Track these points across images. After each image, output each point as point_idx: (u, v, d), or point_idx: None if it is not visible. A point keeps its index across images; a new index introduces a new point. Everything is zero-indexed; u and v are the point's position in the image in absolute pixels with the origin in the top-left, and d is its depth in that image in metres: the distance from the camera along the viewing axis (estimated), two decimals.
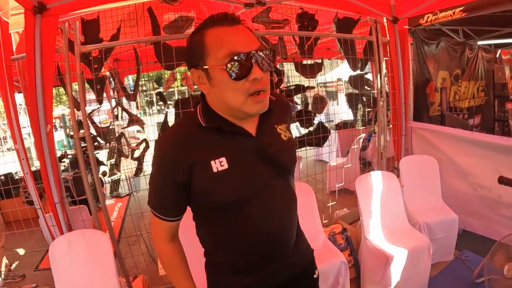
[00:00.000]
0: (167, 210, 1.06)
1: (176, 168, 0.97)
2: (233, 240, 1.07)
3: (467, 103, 5.02)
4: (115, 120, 3.37)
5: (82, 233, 2.33)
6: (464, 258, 2.64)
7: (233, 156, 0.99)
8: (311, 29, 2.99)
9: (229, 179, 0.98)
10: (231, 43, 0.88)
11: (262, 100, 0.95)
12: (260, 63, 0.90)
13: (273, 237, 1.06)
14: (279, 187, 1.07)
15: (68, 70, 2.49)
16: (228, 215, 1.03)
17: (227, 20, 0.90)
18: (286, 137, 1.10)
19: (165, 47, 2.51)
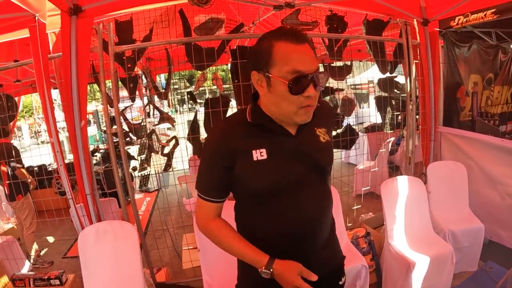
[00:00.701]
0: (214, 192, 1.17)
1: (224, 154, 1.10)
2: (264, 231, 1.15)
3: (500, 108, 4.83)
4: (147, 117, 3.48)
5: (110, 224, 2.42)
6: (489, 270, 2.57)
7: (272, 149, 1.10)
8: (341, 31, 2.98)
9: (266, 169, 1.09)
10: (296, 62, 0.99)
11: (310, 111, 1.07)
12: (315, 84, 1.01)
13: (301, 232, 1.14)
14: (312, 184, 1.15)
15: (102, 69, 2.59)
16: (262, 205, 1.13)
17: (297, 37, 0.99)
18: (324, 139, 1.19)
19: (196, 48, 2.57)
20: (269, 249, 1.13)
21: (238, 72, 2.61)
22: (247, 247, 1.14)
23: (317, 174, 1.17)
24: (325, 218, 1.21)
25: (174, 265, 3.39)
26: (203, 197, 1.18)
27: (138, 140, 3.07)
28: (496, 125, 4.26)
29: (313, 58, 1.02)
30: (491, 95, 4.60)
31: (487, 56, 4.41)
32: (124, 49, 2.64)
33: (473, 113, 3.96)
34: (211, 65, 2.60)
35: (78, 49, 2.40)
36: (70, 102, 2.45)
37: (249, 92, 2.62)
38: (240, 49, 2.61)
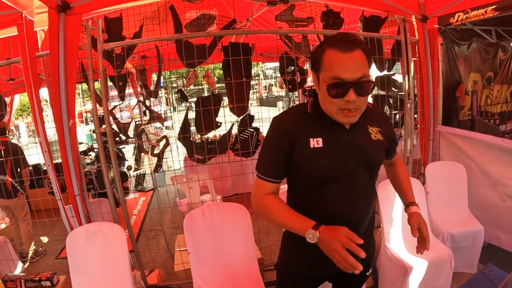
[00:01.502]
0: (273, 172, 1.29)
1: (285, 138, 1.23)
2: (311, 215, 1.22)
3: (499, 107, 4.76)
4: (143, 116, 3.39)
5: (99, 225, 2.39)
6: (488, 273, 2.51)
7: (328, 139, 1.22)
8: (337, 28, 2.90)
9: (322, 156, 1.21)
10: (338, 70, 1.09)
11: (352, 116, 1.17)
12: (357, 90, 1.10)
13: (344, 221, 1.20)
14: (361, 177, 1.27)
15: (91, 67, 2.54)
16: (313, 190, 1.26)
17: (346, 44, 1.09)
18: (376, 137, 1.30)
19: (187, 45, 2.49)
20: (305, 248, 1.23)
21: (231, 70, 2.53)
22: (297, 215, 1.22)
23: (366, 168, 1.27)
24: (368, 211, 1.33)
25: (168, 267, 3.34)
26: (261, 176, 1.30)
27: (129, 139, 2.99)
28: (497, 124, 4.19)
29: (358, 66, 1.10)
30: (491, 94, 4.53)
31: (487, 54, 4.34)
32: (113, 46, 2.57)
33: (473, 112, 3.89)
34: (203, 62, 2.52)
35: (66, 47, 2.35)
36: (58, 101, 2.40)
37: (241, 90, 2.55)
38: (232, 46, 2.54)
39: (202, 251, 2.25)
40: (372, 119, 1.30)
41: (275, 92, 19.34)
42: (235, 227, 2.28)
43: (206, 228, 2.26)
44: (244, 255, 2.28)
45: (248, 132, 2.73)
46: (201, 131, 2.59)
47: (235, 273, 2.25)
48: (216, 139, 2.94)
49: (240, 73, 2.54)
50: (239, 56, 2.50)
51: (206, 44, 2.53)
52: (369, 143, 1.28)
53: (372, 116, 1.30)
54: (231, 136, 2.88)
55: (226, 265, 2.26)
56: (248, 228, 2.27)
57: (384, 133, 1.33)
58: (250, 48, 2.62)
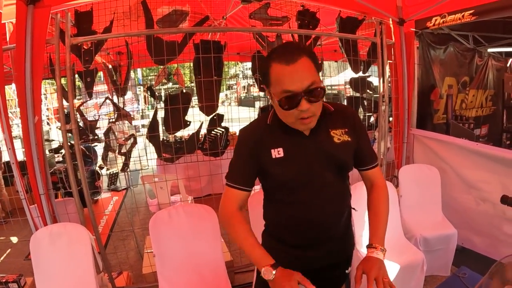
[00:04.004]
0: (242, 180, 1.28)
1: (250, 150, 1.26)
2: (283, 219, 1.32)
3: (474, 112, 4.84)
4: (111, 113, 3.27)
5: (64, 226, 2.31)
6: (462, 276, 2.50)
7: (289, 148, 1.23)
8: (312, 28, 2.87)
9: (284, 165, 1.23)
10: (286, 83, 1.09)
11: (309, 123, 1.17)
12: (308, 98, 1.10)
13: (313, 224, 1.27)
14: (330, 180, 1.26)
15: (58, 61, 2.44)
16: (283, 196, 1.28)
17: (289, 56, 1.08)
18: (339, 140, 1.27)
19: (157, 41, 2.41)
20: (285, 235, 1.32)
21: (201, 68, 2.46)
22: (259, 247, 1.23)
23: (332, 171, 1.26)
24: (341, 212, 1.32)
25: (137, 269, 3.24)
26: (230, 184, 1.29)
27: (95, 137, 2.89)
28: (471, 128, 4.25)
29: (305, 76, 1.09)
30: (466, 98, 4.61)
31: (464, 59, 4.41)
32: (81, 40, 2.47)
33: (448, 116, 3.93)
34: (172, 60, 2.45)
35: (33, 40, 2.26)
36: (24, 96, 2.30)
37: (211, 89, 2.49)
38: (203, 44, 2.47)
39: (168, 254, 2.18)
40: (335, 121, 1.29)
41: (254, 92, 19.31)
42: (202, 230, 2.21)
43: (172, 230, 2.19)
44: (212, 258, 2.22)
45: (217, 131, 2.67)
46: (169, 130, 2.51)
47: (202, 276, 2.18)
48: (185, 138, 2.86)
49: (210, 72, 2.47)
50: (210, 54, 2.43)
51: (178, 41, 2.45)
52: (332, 146, 1.26)
53: (335, 118, 1.29)
54: (200, 136, 2.81)
55: (193, 268, 2.19)
56: (215, 230, 2.20)
57: (352, 132, 1.30)
58: (221, 46, 2.56)
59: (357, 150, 1.31)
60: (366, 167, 1.38)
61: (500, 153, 2.79)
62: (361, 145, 1.33)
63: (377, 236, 1.28)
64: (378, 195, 1.38)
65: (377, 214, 1.34)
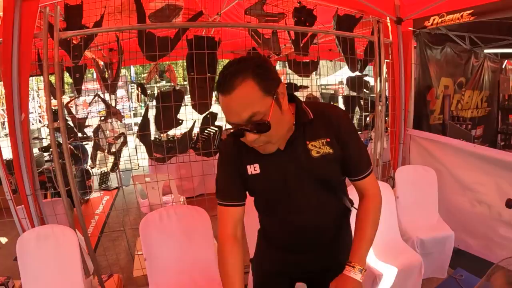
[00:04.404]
0: (229, 195, 1.22)
1: (231, 165, 1.22)
2: (267, 226, 1.35)
3: (469, 113, 4.84)
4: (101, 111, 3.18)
5: (51, 228, 2.23)
6: (458, 278, 2.48)
7: (264, 164, 1.17)
8: (309, 25, 2.81)
9: (261, 181, 1.19)
10: (226, 113, 1.02)
11: (265, 150, 1.11)
12: (252, 130, 1.01)
13: (296, 234, 1.24)
14: (306, 195, 1.19)
15: (46, 56, 2.36)
16: (262, 208, 1.32)
17: (223, 85, 0.98)
18: (319, 153, 1.16)
19: (149, 36, 2.33)
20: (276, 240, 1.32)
21: (194, 65, 2.39)
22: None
23: (313, 185, 1.19)
24: (330, 220, 1.26)
25: (128, 271, 3.14)
26: (220, 203, 1.24)
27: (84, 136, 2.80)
28: (469, 129, 4.23)
29: (241, 108, 0.99)
30: (462, 99, 4.60)
31: (460, 60, 4.40)
32: (70, 35, 2.39)
33: (444, 116, 3.90)
34: (164, 56, 2.37)
35: (21, 34, 2.18)
36: (10, 93, 2.23)
37: (204, 87, 2.41)
38: (197, 40, 2.40)
39: (159, 257, 2.11)
40: (315, 131, 1.16)
41: None
42: (195, 232, 2.15)
43: (163, 233, 2.12)
44: (205, 261, 2.15)
45: (210, 130, 2.59)
46: (161, 129, 2.43)
47: (194, 280, 2.12)
48: (177, 137, 2.78)
49: (204, 69, 2.39)
50: (203, 50, 2.35)
51: (170, 36, 2.38)
52: (309, 161, 1.15)
53: (315, 127, 1.15)
54: (193, 135, 2.73)
55: (185, 272, 2.12)
56: (208, 232, 2.14)
57: (335, 142, 1.16)
58: (215, 42, 2.49)
59: (343, 161, 1.19)
60: (354, 178, 1.25)
61: (497, 155, 2.76)
62: (348, 155, 1.18)
63: (358, 253, 1.17)
64: (367, 207, 1.25)
65: (362, 228, 1.22)
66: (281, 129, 1.09)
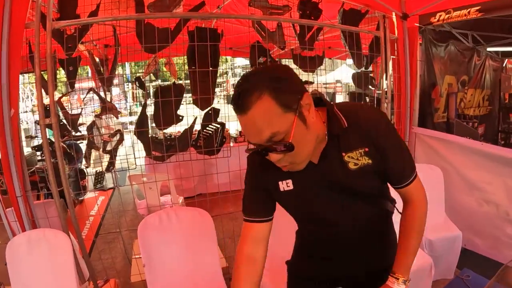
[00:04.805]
0: (253, 210, 1.17)
1: (259, 179, 1.14)
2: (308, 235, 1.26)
3: (472, 111, 4.81)
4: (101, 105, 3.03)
5: (43, 232, 2.12)
6: (465, 278, 2.41)
7: (298, 179, 1.08)
8: (314, 19, 2.71)
9: (294, 199, 1.11)
10: (245, 133, 0.94)
11: (293, 169, 1.01)
12: (274, 150, 0.92)
13: (339, 245, 1.17)
14: (343, 208, 1.10)
15: (38, 48, 2.21)
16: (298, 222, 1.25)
17: (237, 105, 0.89)
18: (356, 165, 1.04)
19: (148, 27, 2.21)
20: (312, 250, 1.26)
21: (195, 57, 2.27)
22: None
23: (352, 198, 1.09)
24: (365, 234, 1.17)
25: (125, 275, 3.02)
26: (244, 218, 1.18)
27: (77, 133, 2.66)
28: (475, 127, 4.18)
29: (260, 128, 0.89)
30: (464, 97, 4.56)
31: (463, 58, 4.36)
32: (64, 24, 2.25)
33: (449, 114, 3.84)
34: (165, 47, 2.25)
35: (11, 25, 2.07)
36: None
37: (206, 81, 2.30)
38: (199, 31, 2.28)
39: (160, 262, 2.00)
40: (351, 140, 1.03)
41: None
42: (197, 235, 2.03)
43: (163, 236, 2.01)
44: (208, 266, 2.05)
45: (212, 127, 2.47)
46: (159, 126, 2.30)
47: (197, 286, 2.00)
48: (175, 135, 2.64)
49: (206, 62, 2.26)
50: (206, 42, 2.23)
51: (170, 28, 2.25)
52: (346, 175, 1.04)
53: (351, 136, 1.02)
54: (193, 132, 2.60)
55: (188, 278, 2.02)
56: (211, 235, 2.03)
57: (374, 151, 1.04)
58: (218, 34, 2.37)
59: (384, 169, 1.07)
60: (397, 186, 1.14)
61: (505, 153, 2.70)
62: (389, 163, 1.06)
63: (402, 265, 1.10)
64: (412, 215, 1.16)
65: (407, 238, 1.14)
66: (307, 148, 0.97)
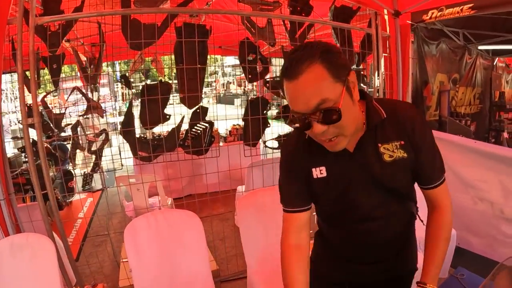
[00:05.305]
0: (291, 200, 1.15)
1: (293, 166, 1.12)
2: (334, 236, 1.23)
3: (463, 109, 4.80)
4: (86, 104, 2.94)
5: (26, 237, 2.01)
6: (460, 277, 2.38)
7: (332, 167, 1.07)
8: (305, 15, 2.66)
9: (326, 186, 1.08)
10: (291, 103, 0.92)
11: (334, 145, 0.97)
12: (320, 121, 0.90)
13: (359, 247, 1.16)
14: (373, 204, 1.08)
15: (20, 45, 2.13)
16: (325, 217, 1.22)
17: (290, 70, 0.88)
18: (391, 157, 1.04)
19: (134, 23, 2.13)
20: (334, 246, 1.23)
21: (183, 54, 2.19)
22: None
23: (382, 194, 1.07)
24: (392, 236, 1.16)
25: (114, 279, 2.93)
26: (284, 209, 1.17)
27: (61, 133, 2.57)
28: (468, 125, 4.16)
29: (309, 94, 0.87)
30: (456, 95, 4.55)
31: (455, 56, 4.35)
32: (47, 20, 2.17)
33: (441, 112, 3.82)
34: (151, 44, 2.17)
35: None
36: None
37: (195, 78, 2.22)
38: (186, 27, 2.21)
39: (147, 266, 1.92)
40: (388, 132, 1.04)
41: (233, 90, 19.17)
42: (186, 238, 1.96)
43: (150, 240, 1.92)
44: (197, 269, 1.98)
45: (200, 126, 2.39)
46: (146, 125, 2.22)
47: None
48: (164, 135, 2.55)
49: (194, 59, 2.20)
50: (194, 39, 2.16)
51: (157, 23, 2.18)
52: (380, 167, 1.04)
53: (388, 127, 1.03)
54: (181, 132, 2.51)
55: (177, 281, 1.95)
56: (200, 238, 1.95)
57: (410, 145, 1.04)
58: (207, 31, 2.30)
59: (416, 166, 1.07)
60: (427, 186, 1.14)
61: (499, 151, 2.68)
62: (421, 160, 1.06)
63: (430, 272, 1.08)
64: (440, 221, 1.16)
65: (435, 245, 1.13)
66: (353, 121, 0.96)
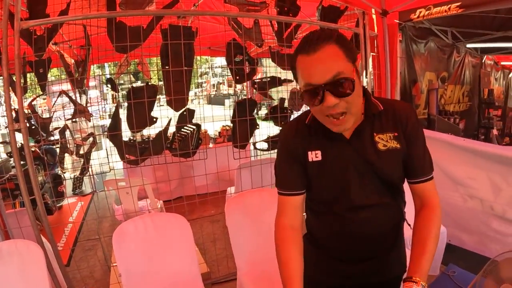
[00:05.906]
0: (287, 183, 1.18)
1: (291, 151, 1.16)
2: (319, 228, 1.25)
3: (452, 107, 4.84)
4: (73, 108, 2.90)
5: (14, 243, 1.98)
6: (451, 274, 2.40)
7: (327, 152, 1.12)
8: (292, 15, 2.66)
9: (320, 170, 1.12)
10: (307, 75, 0.97)
11: (340, 123, 1.02)
12: (333, 92, 0.95)
13: (350, 238, 1.16)
14: (365, 193, 1.12)
15: (6, 49, 2.10)
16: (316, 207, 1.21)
17: (310, 44, 0.95)
18: (385, 146, 1.10)
19: (119, 26, 2.11)
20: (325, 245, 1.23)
21: (169, 57, 2.18)
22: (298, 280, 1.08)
23: (374, 183, 1.12)
24: (382, 229, 1.18)
25: (105, 283, 2.92)
26: (279, 192, 1.19)
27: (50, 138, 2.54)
28: (456, 123, 4.19)
29: (327, 66, 0.95)
30: (445, 93, 4.58)
31: (443, 54, 4.38)
32: (33, 24, 2.14)
33: (429, 110, 3.84)
34: (137, 46, 2.15)
35: None
36: None
37: (181, 80, 2.21)
38: (172, 29, 2.19)
39: (137, 270, 1.90)
40: (383, 123, 1.11)
41: (224, 90, 19.15)
42: (174, 241, 1.95)
43: (139, 244, 1.91)
44: (187, 272, 1.97)
45: (187, 129, 2.38)
46: (133, 128, 2.21)
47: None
48: (152, 137, 2.53)
49: (180, 61, 2.18)
50: (179, 41, 2.15)
51: (143, 26, 2.17)
52: (374, 154, 1.10)
53: (384, 119, 1.11)
54: (168, 134, 2.50)
55: (166, 285, 1.93)
56: (189, 240, 1.95)
57: (402, 137, 1.11)
58: (192, 32, 2.29)
59: (407, 159, 1.13)
60: (414, 180, 1.17)
61: (487, 149, 2.69)
62: (413, 153, 1.13)
63: (420, 268, 1.05)
64: (429, 218, 1.17)
65: (424, 241, 1.11)
66: (359, 102, 1.04)
